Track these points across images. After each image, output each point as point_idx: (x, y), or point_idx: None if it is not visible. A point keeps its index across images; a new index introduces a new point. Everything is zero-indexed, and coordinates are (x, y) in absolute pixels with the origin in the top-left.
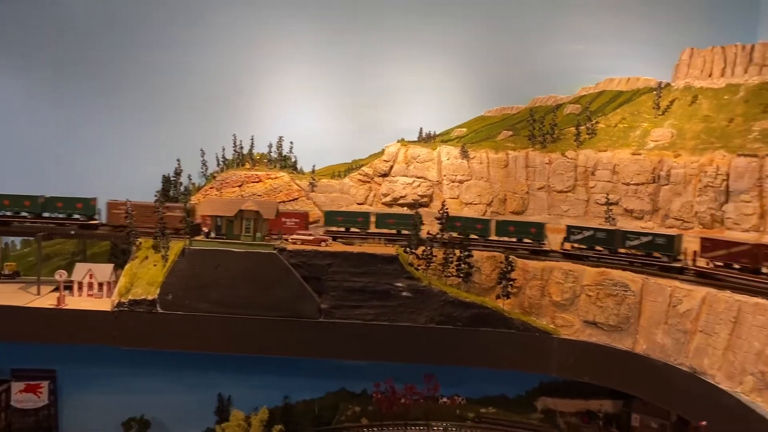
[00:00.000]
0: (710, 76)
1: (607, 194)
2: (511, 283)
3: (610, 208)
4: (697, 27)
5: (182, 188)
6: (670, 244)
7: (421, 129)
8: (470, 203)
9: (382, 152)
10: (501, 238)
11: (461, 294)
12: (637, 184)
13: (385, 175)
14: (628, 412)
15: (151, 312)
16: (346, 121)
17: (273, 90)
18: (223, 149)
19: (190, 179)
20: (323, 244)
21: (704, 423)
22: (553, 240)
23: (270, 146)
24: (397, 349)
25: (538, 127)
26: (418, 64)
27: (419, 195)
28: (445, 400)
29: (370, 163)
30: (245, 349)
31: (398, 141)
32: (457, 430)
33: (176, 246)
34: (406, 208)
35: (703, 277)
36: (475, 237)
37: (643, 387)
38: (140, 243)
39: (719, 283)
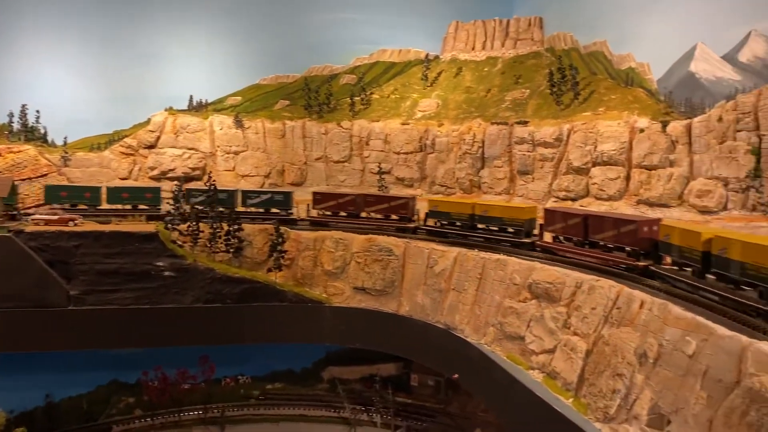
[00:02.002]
0: (473, 49)
1: (380, 164)
2: (282, 255)
3: (383, 177)
4: (462, 1)
5: None
6: (287, 200)
7: (191, 97)
8: (247, 175)
9: (147, 122)
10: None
11: (230, 269)
12: (407, 153)
13: (151, 146)
14: (408, 373)
15: None
16: (105, 89)
17: (13, 53)
18: None
19: None
20: (71, 223)
21: (456, 376)
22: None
23: (11, 116)
24: (163, 333)
25: (314, 96)
26: (188, 29)
27: (190, 168)
28: (228, 380)
29: (134, 134)
30: None
31: (166, 110)
32: (237, 410)
33: None
34: (176, 182)
35: (316, 225)
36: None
37: (406, 347)
38: None
39: (327, 228)
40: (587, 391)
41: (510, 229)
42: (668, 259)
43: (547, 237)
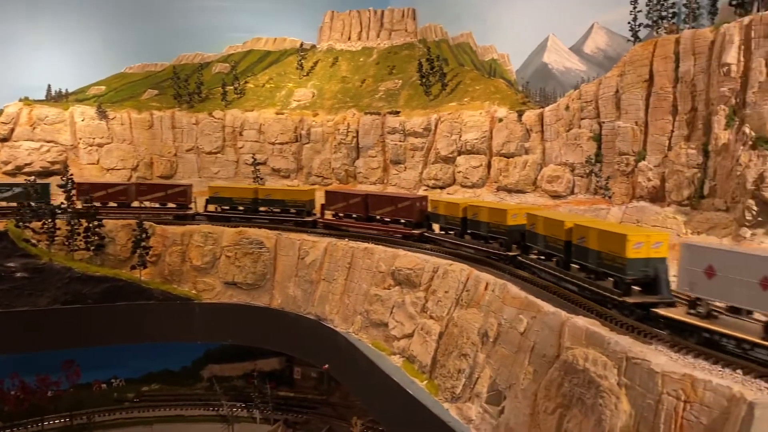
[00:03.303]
0: (349, 39)
1: (254, 155)
2: (147, 251)
3: (258, 168)
4: None
5: None
6: (45, 193)
7: (49, 86)
8: (112, 168)
9: (0, 113)
10: None
11: (91, 268)
12: (282, 144)
13: (4, 140)
14: (291, 366)
15: None
16: None
17: None
18: None
19: None
20: None
21: (326, 366)
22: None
23: None
24: (18, 338)
25: (183, 86)
26: (46, 12)
27: (49, 162)
28: (99, 384)
29: None
30: None
31: (20, 100)
32: (108, 414)
33: None
34: (34, 177)
35: (81, 216)
36: None
37: (279, 340)
38: None
39: (96, 219)
40: (439, 372)
41: (292, 210)
42: (437, 227)
43: (328, 215)
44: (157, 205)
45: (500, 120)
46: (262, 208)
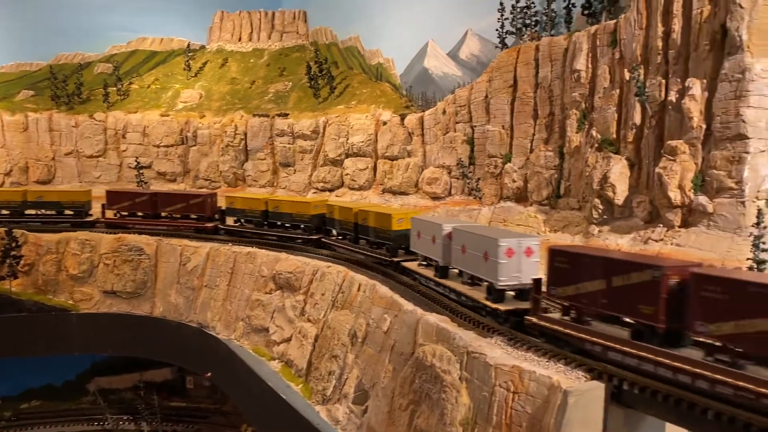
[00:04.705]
0: (240, 40)
1: (137, 158)
2: (17, 260)
3: (142, 171)
4: None
5: None
6: None
7: None
8: None
9: None
10: None
11: None
12: (167, 146)
13: None
14: (184, 376)
15: None
16: None
17: None
18: None
19: None
20: None
21: (209, 374)
22: None
23: None
24: None
25: (62, 86)
26: None
27: None
28: None
29: None
30: None
31: None
32: None
33: None
34: None
35: None
36: None
37: (161, 349)
38: None
39: None
40: (313, 375)
41: (69, 212)
42: (231, 221)
43: (110, 214)
44: None
45: (384, 123)
46: (30, 212)
